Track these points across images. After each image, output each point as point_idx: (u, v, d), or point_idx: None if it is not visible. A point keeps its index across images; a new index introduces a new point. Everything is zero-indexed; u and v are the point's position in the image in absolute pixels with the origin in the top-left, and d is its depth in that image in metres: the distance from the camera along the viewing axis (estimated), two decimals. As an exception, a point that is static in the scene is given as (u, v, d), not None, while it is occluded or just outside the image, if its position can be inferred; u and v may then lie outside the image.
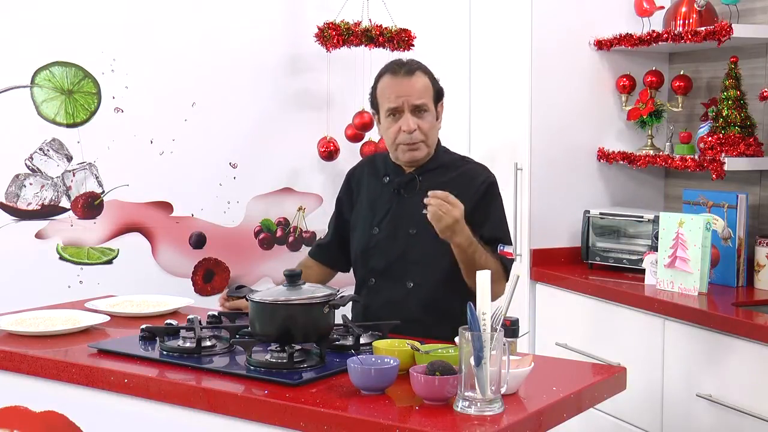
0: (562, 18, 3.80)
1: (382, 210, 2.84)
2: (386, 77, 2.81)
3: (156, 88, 3.81)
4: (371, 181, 2.92)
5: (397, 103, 2.75)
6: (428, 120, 2.78)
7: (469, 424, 1.88)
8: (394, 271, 2.79)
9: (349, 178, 3.00)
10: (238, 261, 4.02)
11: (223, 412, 2.10)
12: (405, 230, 2.79)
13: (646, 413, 3.18)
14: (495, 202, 2.82)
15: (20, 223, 3.64)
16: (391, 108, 2.76)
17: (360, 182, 2.95)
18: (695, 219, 3.18)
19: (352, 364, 2.07)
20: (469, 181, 2.80)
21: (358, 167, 3.02)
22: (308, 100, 4.07)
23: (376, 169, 2.94)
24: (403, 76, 2.77)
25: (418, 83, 2.78)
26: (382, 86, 2.81)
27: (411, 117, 2.75)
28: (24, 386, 2.44)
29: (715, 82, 3.70)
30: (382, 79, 2.82)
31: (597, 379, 2.28)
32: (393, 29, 3.82)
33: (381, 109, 2.82)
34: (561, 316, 3.65)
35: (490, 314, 1.98)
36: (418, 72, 2.79)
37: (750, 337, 2.78)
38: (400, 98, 2.75)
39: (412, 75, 2.78)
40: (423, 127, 2.77)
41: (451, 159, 2.89)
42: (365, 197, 2.91)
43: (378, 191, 2.88)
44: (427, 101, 2.78)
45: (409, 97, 2.75)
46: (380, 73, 2.85)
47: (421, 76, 2.79)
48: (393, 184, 2.85)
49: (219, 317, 2.63)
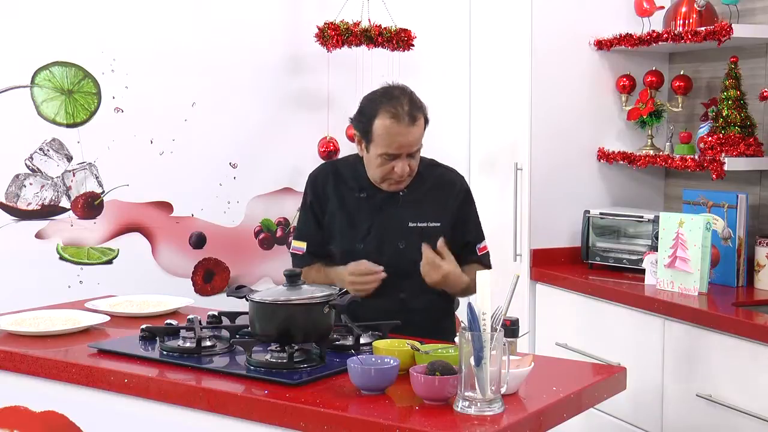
0: (562, 18, 3.80)
1: (363, 225, 2.85)
2: (388, 121, 2.71)
3: (156, 88, 3.81)
4: (341, 192, 2.89)
5: (396, 152, 2.74)
6: (417, 158, 2.82)
7: (469, 424, 1.88)
8: (386, 284, 2.78)
9: (313, 183, 2.95)
10: (238, 261, 4.01)
11: (223, 412, 2.10)
12: (393, 244, 2.83)
13: (646, 413, 3.18)
14: (472, 207, 2.97)
15: (20, 223, 3.64)
16: (389, 154, 2.74)
17: (326, 190, 2.91)
18: (695, 219, 3.18)
19: (352, 364, 2.07)
20: (447, 189, 2.90)
21: (320, 174, 2.96)
22: (308, 100, 4.06)
23: (343, 179, 2.91)
24: (407, 125, 2.71)
25: (419, 132, 2.75)
26: (382, 129, 2.72)
27: (406, 161, 2.76)
28: (24, 386, 2.44)
29: (715, 82, 3.70)
30: (381, 120, 2.72)
31: (597, 379, 2.28)
32: (392, 29, 3.82)
33: (374, 146, 2.76)
34: (561, 316, 3.65)
35: (490, 314, 1.98)
36: (420, 120, 2.74)
37: (750, 337, 2.78)
38: (401, 148, 2.73)
39: (414, 124, 2.72)
40: (413, 166, 2.80)
41: (424, 165, 2.90)
42: (336, 208, 2.89)
43: (355, 205, 2.87)
44: (421, 142, 2.79)
45: (409, 148, 2.75)
46: (379, 109, 2.73)
47: (420, 120, 2.75)
48: (374, 200, 2.86)
49: (219, 317, 2.63)
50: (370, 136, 2.76)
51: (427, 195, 2.85)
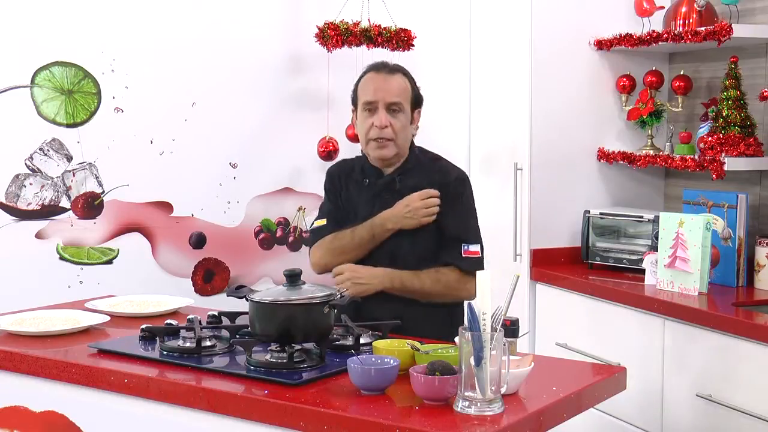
0: (562, 18, 3.80)
1: (363, 212, 2.89)
2: (368, 74, 2.91)
3: (156, 88, 3.82)
4: (351, 183, 2.97)
5: (374, 98, 2.84)
6: (401, 120, 2.85)
7: (469, 424, 1.88)
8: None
9: (331, 175, 3.03)
10: (238, 261, 4.01)
11: (223, 412, 2.10)
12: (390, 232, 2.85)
13: (646, 413, 3.18)
14: (459, 200, 2.87)
15: (20, 223, 3.64)
16: (368, 101, 2.85)
17: (341, 180, 2.99)
18: (695, 219, 3.18)
19: (352, 364, 2.07)
20: (441, 180, 2.87)
21: (337, 168, 3.05)
22: (308, 100, 4.07)
23: (353, 172, 2.98)
24: (384, 74, 2.88)
25: (396, 82, 2.87)
26: (363, 81, 2.91)
27: (385, 113, 2.83)
28: (24, 386, 2.44)
29: (715, 82, 3.70)
30: (365, 76, 2.92)
31: (597, 379, 2.28)
32: (392, 29, 3.82)
33: (359, 102, 2.90)
34: (561, 316, 3.65)
35: (490, 314, 1.98)
36: (398, 73, 2.89)
37: (750, 337, 2.78)
38: (377, 93, 2.84)
39: (392, 74, 2.88)
40: (395, 126, 2.83)
41: (427, 158, 2.95)
42: (346, 198, 2.96)
43: (357, 193, 2.94)
44: (402, 102, 2.85)
45: (386, 94, 2.83)
46: (364, 71, 2.95)
47: (401, 78, 2.89)
48: (374, 187, 2.89)
49: (219, 317, 2.62)
50: (356, 95, 2.92)
51: (425, 183, 2.85)
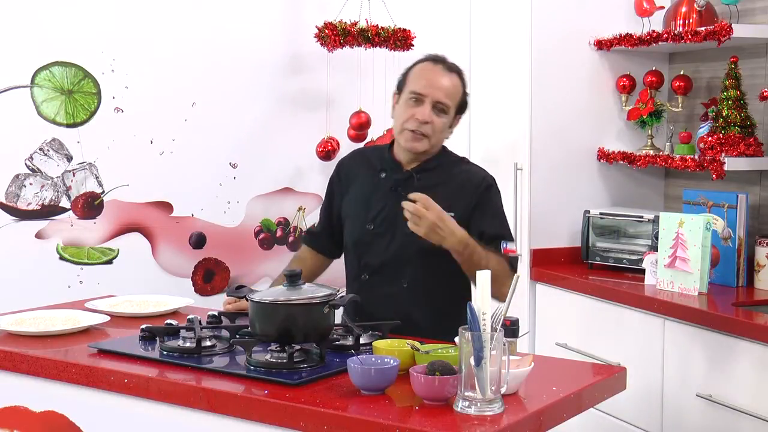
0: (562, 18, 3.80)
1: (377, 206, 2.82)
2: (426, 63, 2.81)
3: (156, 88, 3.81)
4: (364, 174, 2.91)
5: (424, 91, 2.75)
6: (443, 121, 2.78)
7: (469, 424, 1.88)
8: (389, 269, 2.78)
9: (339, 167, 3.00)
10: (238, 261, 4.01)
11: (223, 412, 2.10)
12: (401, 229, 2.71)
13: (646, 413, 3.18)
14: (493, 201, 2.82)
15: (20, 223, 3.64)
16: (417, 92, 2.76)
17: (350, 173, 2.94)
18: (695, 219, 3.18)
19: (352, 364, 2.07)
20: (466, 182, 2.80)
21: (348, 158, 3.02)
22: (308, 100, 4.06)
23: (369, 163, 2.92)
24: (441, 68, 2.79)
25: (451, 82, 2.78)
26: (418, 69, 2.81)
27: (429, 109, 2.75)
28: (24, 386, 2.44)
29: (715, 82, 3.70)
30: (420, 64, 2.82)
31: (597, 379, 2.28)
32: (390, 29, 3.82)
33: (406, 89, 2.80)
34: (561, 316, 3.65)
35: (490, 314, 1.98)
36: (454, 74, 2.80)
37: (750, 337, 2.78)
38: (428, 88, 2.75)
39: (449, 72, 2.79)
40: (435, 124, 2.76)
41: (451, 160, 2.88)
42: (358, 190, 2.89)
43: (372, 186, 2.86)
44: (450, 104, 2.78)
45: (437, 92, 2.75)
46: (420, 59, 2.85)
47: (456, 79, 2.81)
48: (390, 181, 2.84)
49: (219, 317, 2.63)
50: (405, 80, 2.82)
51: (447, 184, 2.77)
